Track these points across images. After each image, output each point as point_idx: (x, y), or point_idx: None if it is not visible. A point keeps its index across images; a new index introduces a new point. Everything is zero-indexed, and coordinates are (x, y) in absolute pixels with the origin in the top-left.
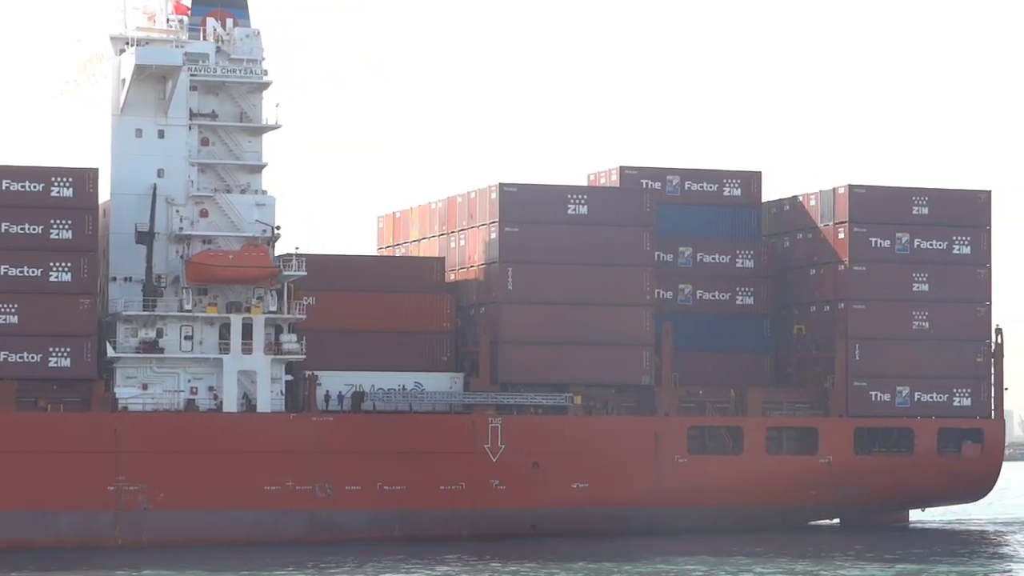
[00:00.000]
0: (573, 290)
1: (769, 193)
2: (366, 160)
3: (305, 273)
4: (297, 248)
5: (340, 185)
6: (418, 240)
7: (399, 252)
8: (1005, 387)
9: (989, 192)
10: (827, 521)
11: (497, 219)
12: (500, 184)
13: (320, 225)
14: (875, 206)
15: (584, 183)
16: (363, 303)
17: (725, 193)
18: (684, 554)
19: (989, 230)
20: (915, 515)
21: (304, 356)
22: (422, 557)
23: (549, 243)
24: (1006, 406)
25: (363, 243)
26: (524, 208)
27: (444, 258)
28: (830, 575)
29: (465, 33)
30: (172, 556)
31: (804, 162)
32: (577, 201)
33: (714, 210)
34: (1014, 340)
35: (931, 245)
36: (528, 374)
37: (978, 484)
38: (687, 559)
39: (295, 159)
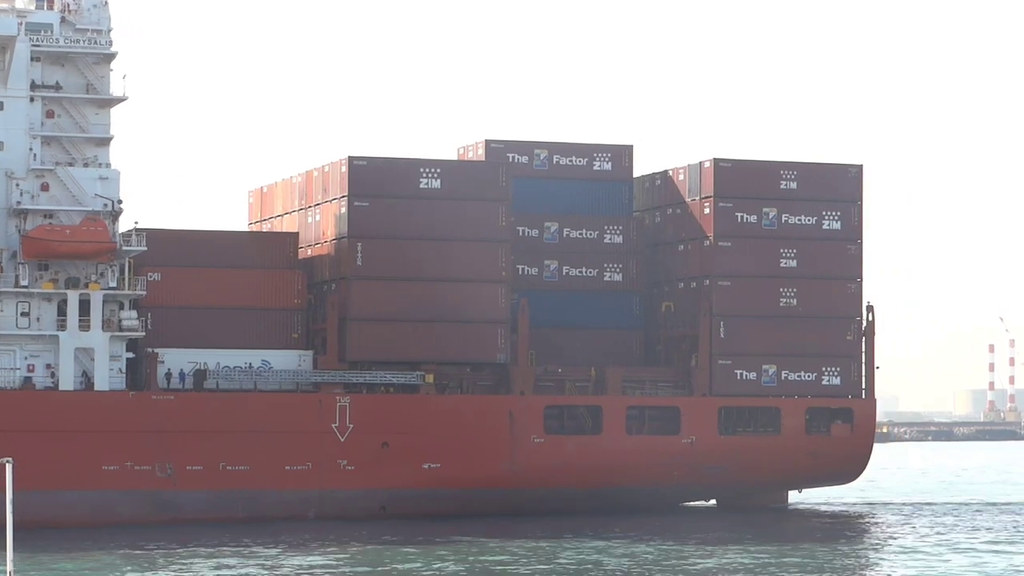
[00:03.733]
0: (425, 266)
1: (643, 167)
2: (239, 133)
3: (145, 248)
4: (137, 223)
5: (214, 159)
6: (281, 215)
7: (266, 227)
8: (876, 366)
9: (861, 166)
10: (703, 503)
11: (346, 193)
12: (349, 157)
13: (194, 200)
14: (741, 181)
15: (455, 157)
16: (211, 279)
17: (595, 167)
18: (541, 536)
19: (860, 205)
20: (795, 496)
21: (144, 333)
22: (263, 538)
23: (400, 218)
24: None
25: (236, 218)
26: (374, 182)
27: (297, 233)
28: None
29: (343, 7)
30: None
31: (680, 136)
32: (430, 175)
33: (583, 184)
34: (886, 318)
35: (800, 220)
36: (377, 352)
37: (849, 465)
38: (544, 542)
39: (169, 133)
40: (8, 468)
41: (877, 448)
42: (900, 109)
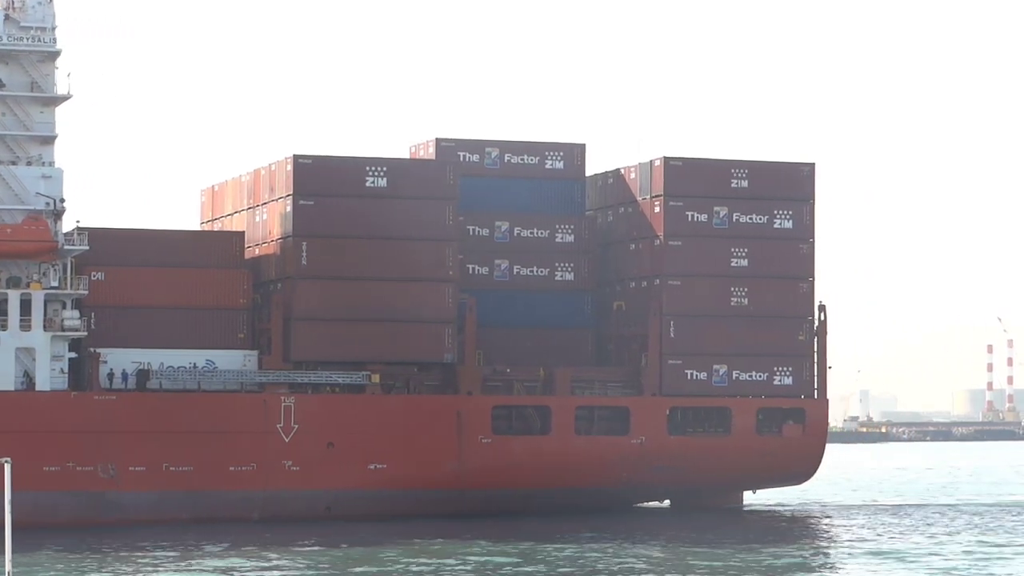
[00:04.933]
0: (371, 265)
1: (596, 166)
2: (191, 131)
3: (87, 248)
4: (79, 222)
5: (167, 157)
6: (231, 214)
7: (217, 226)
8: (829, 366)
9: (813, 165)
10: (657, 504)
11: (291, 192)
12: (295, 156)
13: (146, 199)
14: (692, 179)
15: (407, 156)
16: (155, 278)
17: (547, 166)
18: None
19: (812, 204)
20: (751, 497)
21: (86, 333)
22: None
23: (345, 217)
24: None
25: (189, 217)
26: (320, 181)
27: (243, 233)
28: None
29: (298, 3)
30: None
31: (633, 134)
32: (376, 174)
33: (535, 183)
34: (838, 317)
35: (751, 219)
36: (322, 352)
37: (801, 466)
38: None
39: (118, 131)
40: (7, 468)
41: (876, 448)
42: (852, 107)
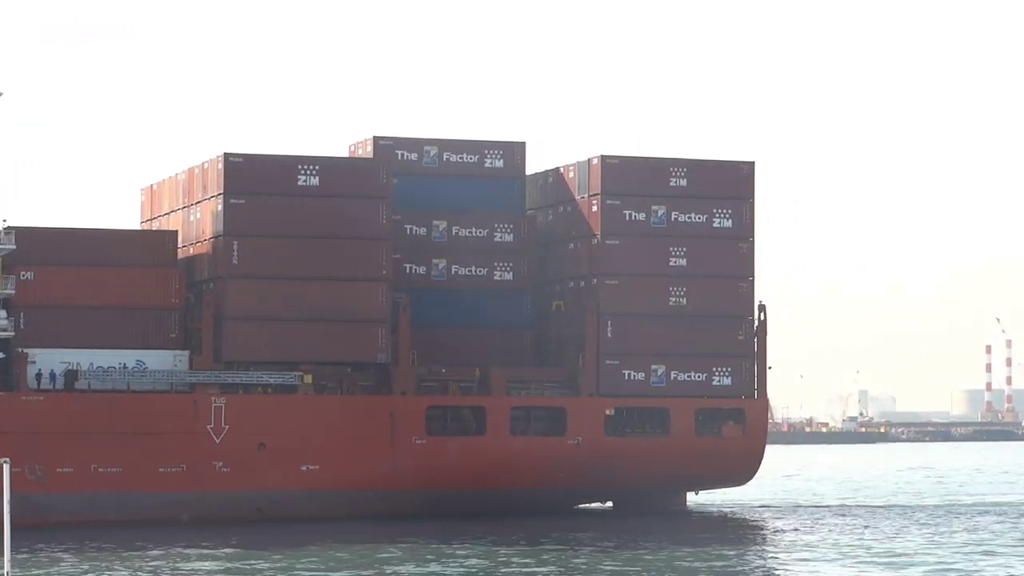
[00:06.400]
0: (303, 264)
1: (536, 165)
2: (131, 129)
3: (15, 247)
4: (5, 221)
5: (106, 156)
6: (168, 213)
7: (156, 226)
8: (768, 366)
9: (752, 163)
10: (599, 505)
11: (222, 191)
12: (225, 154)
13: (86, 198)
14: (629, 178)
15: (347, 154)
16: (86, 278)
17: (486, 164)
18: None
19: (752, 203)
20: (696, 498)
21: (14, 333)
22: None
23: (277, 216)
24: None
25: (131, 217)
26: (251, 179)
27: (176, 232)
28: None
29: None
30: None
31: (574, 132)
32: (308, 172)
33: (474, 182)
34: (778, 317)
35: (690, 218)
36: (254, 352)
37: (741, 466)
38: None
39: (55, 129)
40: (5, 468)
41: (883, 447)
42: (792, 106)
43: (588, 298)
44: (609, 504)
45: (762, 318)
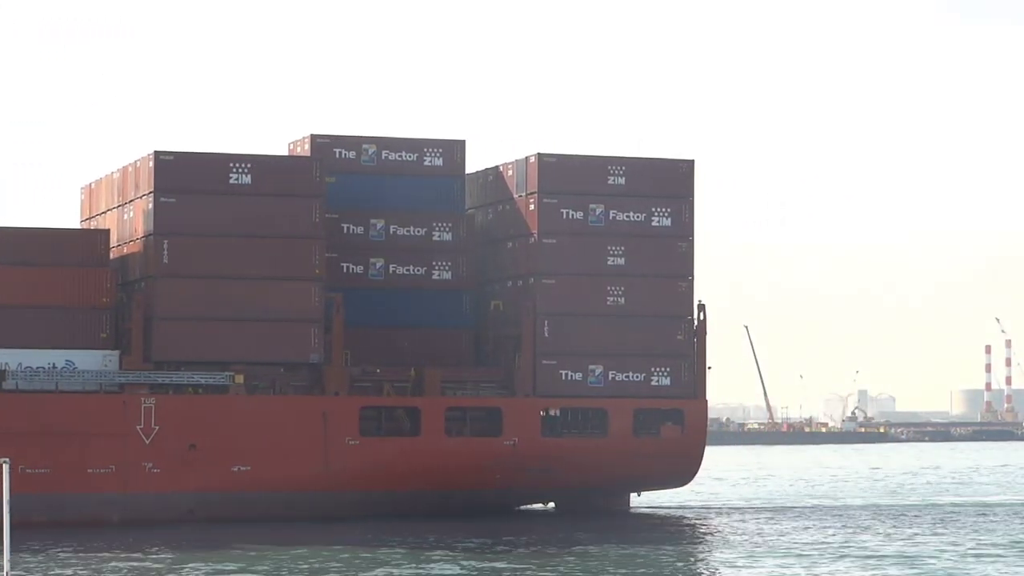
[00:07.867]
0: (235, 264)
1: (477, 163)
2: (69, 128)
3: None
4: None
5: (45, 154)
6: (105, 212)
7: (94, 225)
8: (708, 366)
9: (692, 162)
10: (540, 506)
11: (153, 189)
12: (155, 152)
13: (26, 197)
14: (567, 176)
15: (286, 152)
16: (14, 277)
17: (426, 163)
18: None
19: (692, 201)
20: (641, 499)
21: None
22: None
23: (208, 214)
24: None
25: (71, 216)
26: (182, 177)
27: (108, 230)
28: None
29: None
30: None
31: (515, 131)
32: (240, 170)
33: (413, 180)
34: (718, 317)
35: (628, 217)
36: (184, 352)
37: (680, 467)
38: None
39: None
40: (5, 468)
41: (884, 448)
42: (731, 103)
43: (525, 297)
44: (551, 505)
45: (701, 318)
